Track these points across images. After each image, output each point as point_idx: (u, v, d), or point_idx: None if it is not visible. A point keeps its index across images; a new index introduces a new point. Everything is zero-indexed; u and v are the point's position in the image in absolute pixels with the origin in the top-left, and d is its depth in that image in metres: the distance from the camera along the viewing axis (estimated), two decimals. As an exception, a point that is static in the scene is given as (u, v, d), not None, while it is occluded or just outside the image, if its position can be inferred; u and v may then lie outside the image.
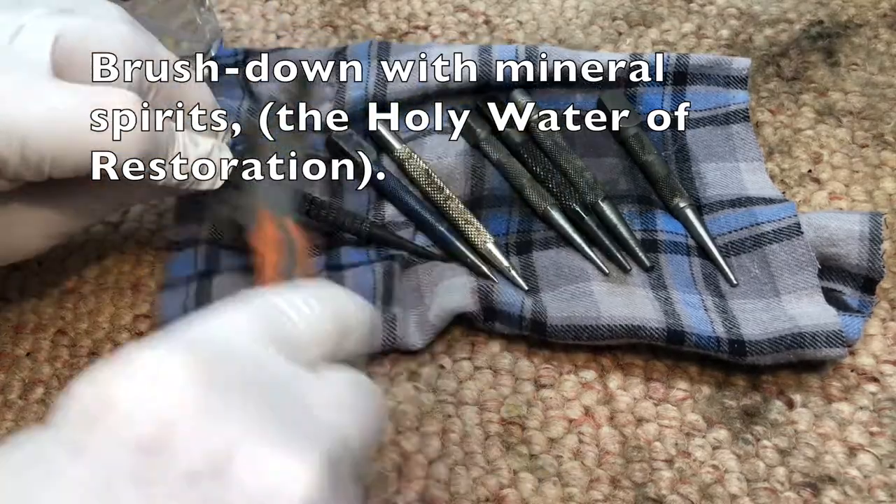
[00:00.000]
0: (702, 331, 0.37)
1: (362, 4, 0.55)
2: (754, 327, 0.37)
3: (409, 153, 0.44)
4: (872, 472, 0.35)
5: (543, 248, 0.42)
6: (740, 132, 0.45)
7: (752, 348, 0.37)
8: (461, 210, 0.42)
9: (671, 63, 0.46)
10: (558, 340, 0.38)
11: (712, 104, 0.46)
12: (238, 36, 0.53)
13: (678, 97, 0.46)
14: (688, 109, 0.46)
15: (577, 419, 0.37)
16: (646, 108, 0.46)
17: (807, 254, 0.39)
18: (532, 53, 0.45)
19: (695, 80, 0.46)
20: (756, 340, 0.37)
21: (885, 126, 0.47)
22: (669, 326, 0.37)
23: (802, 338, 0.36)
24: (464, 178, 0.44)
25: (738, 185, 0.43)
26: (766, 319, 0.38)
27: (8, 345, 0.40)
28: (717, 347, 0.37)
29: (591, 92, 0.47)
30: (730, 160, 0.44)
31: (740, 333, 0.37)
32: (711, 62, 0.46)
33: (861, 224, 0.39)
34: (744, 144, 0.45)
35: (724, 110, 0.46)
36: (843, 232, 0.39)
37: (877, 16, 0.53)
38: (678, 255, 0.41)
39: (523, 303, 0.39)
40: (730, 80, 0.46)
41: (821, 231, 0.39)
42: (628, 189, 0.44)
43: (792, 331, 0.36)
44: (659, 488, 0.35)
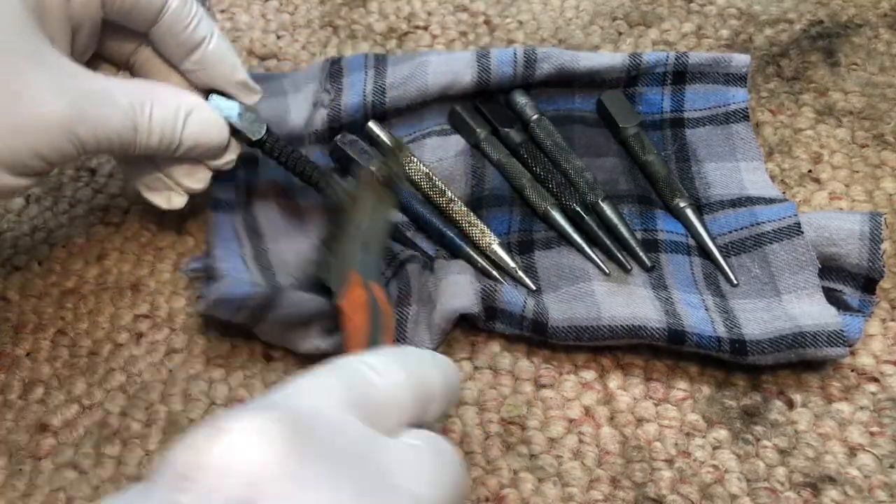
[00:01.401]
0: (703, 331, 0.37)
1: (362, 4, 0.55)
2: (755, 327, 0.37)
3: (409, 157, 0.44)
4: (872, 472, 0.35)
5: (545, 248, 0.42)
6: (740, 132, 0.45)
7: (753, 348, 0.37)
8: (464, 212, 0.42)
9: (670, 62, 0.46)
10: (559, 342, 0.38)
11: (712, 103, 0.46)
12: (238, 36, 0.53)
13: (678, 96, 0.46)
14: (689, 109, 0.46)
15: (577, 419, 0.37)
16: (645, 107, 0.46)
17: (807, 253, 0.39)
18: (530, 56, 0.45)
19: (694, 78, 0.46)
20: (757, 340, 0.37)
21: (885, 126, 0.47)
22: (670, 326, 0.37)
23: (804, 337, 0.36)
24: (464, 178, 0.44)
25: (738, 185, 0.43)
26: (766, 319, 0.38)
27: (8, 345, 0.40)
28: (719, 347, 0.37)
29: (590, 92, 0.47)
30: (730, 160, 0.44)
31: (741, 333, 0.37)
32: (711, 60, 0.46)
33: (861, 224, 0.39)
34: (744, 144, 0.45)
35: (723, 109, 0.46)
36: (843, 231, 0.39)
37: (877, 16, 0.53)
38: (679, 254, 0.41)
39: (525, 303, 0.38)
40: (729, 77, 0.46)
41: (821, 231, 0.39)
42: (628, 189, 0.44)
43: (793, 330, 0.36)
44: (659, 488, 0.35)
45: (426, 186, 0.43)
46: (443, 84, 0.44)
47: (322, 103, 0.45)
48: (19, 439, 0.37)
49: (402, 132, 0.45)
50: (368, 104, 0.44)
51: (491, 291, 0.39)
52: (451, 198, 0.43)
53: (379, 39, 0.53)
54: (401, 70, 0.45)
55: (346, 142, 0.44)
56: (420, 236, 0.43)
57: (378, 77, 0.45)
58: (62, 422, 0.38)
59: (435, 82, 0.44)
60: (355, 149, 0.44)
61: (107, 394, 0.39)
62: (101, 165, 0.47)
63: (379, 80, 0.45)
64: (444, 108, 0.46)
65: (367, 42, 0.53)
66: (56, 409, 0.38)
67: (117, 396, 0.39)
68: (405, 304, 0.39)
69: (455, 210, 0.42)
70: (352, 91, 0.45)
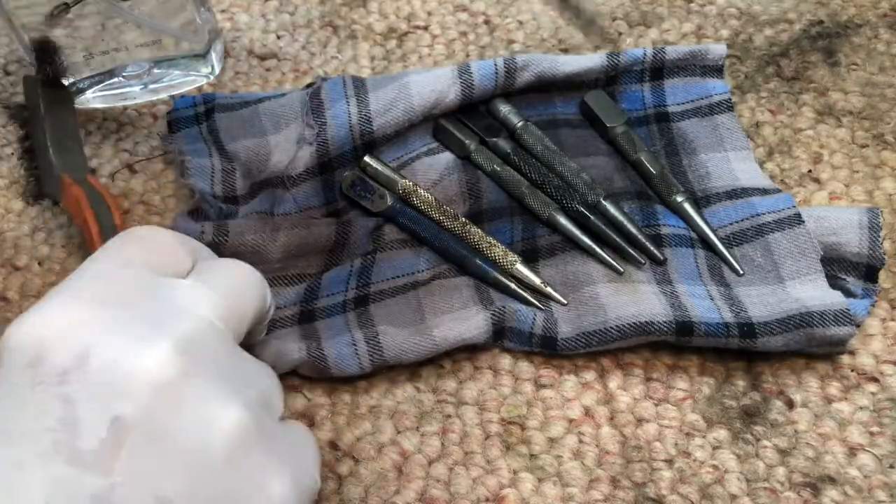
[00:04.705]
0: (710, 318, 0.37)
1: (362, 4, 0.55)
2: (762, 309, 0.38)
3: (412, 187, 0.43)
4: (872, 472, 0.35)
5: (549, 255, 0.41)
6: (725, 122, 0.45)
7: (761, 329, 0.37)
8: (481, 235, 0.41)
9: (648, 59, 0.46)
10: (570, 352, 0.38)
11: (693, 95, 0.46)
12: (238, 35, 0.53)
13: (657, 91, 0.47)
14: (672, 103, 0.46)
15: (577, 419, 0.37)
16: (628, 104, 0.47)
17: (809, 241, 0.39)
18: (510, 65, 0.44)
19: (672, 73, 0.47)
20: (765, 321, 0.37)
21: (885, 126, 0.47)
22: (677, 319, 0.37)
23: (811, 317, 0.36)
24: (460, 197, 0.43)
25: (729, 175, 0.44)
26: (772, 302, 0.38)
27: (8, 345, 0.40)
28: (727, 333, 0.37)
29: (570, 95, 0.47)
30: (718, 150, 0.45)
31: (749, 316, 0.37)
32: (687, 54, 0.46)
33: (860, 215, 0.40)
34: (730, 134, 0.45)
35: (706, 101, 0.46)
36: (842, 221, 0.40)
37: (877, 16, 0.53)
38: (683, 247, 0.41)
39: (534, 320, 0.38)
40: (707, 69, 0.47)
41: (821, 221, 0.40)
42: (625, 186, 0.44)
43: (800, 310, 0.37)
44: (659, 488, 0.35)
45: (437, 214, 0.42)
46: (428, 104, 0.44)
47: (307, 140, 0.44)
48: (19, 439, 0.37)
49: (389, 157, 0.44)
50: (356, 134, 0.43)
51: (501, 314, 0.38)
52: (466, 221, 0.42)
53: (379, 39, 0.53)
54: (384, 95, 0.44)
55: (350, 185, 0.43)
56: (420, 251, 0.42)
57: (361, 105, 0.44)
58: (62, 422, 0.38)
59: (420, 103, 0.43)
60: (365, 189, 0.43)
61: (107, 394, 0.39)
62: (102, 166, 0.47)
63: (363, 108, 0.44)
64: (428, 126, 0.45)
65: (367, 42, 0.53)
66: (56, 409, 0.38)
67: (117, 396, 0.39)
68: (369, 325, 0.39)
69: (472, 233, 0.41)
70: (336, 123, 0.43)
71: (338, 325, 0.39)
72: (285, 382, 0.38)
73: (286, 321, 0.39)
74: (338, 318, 0.39)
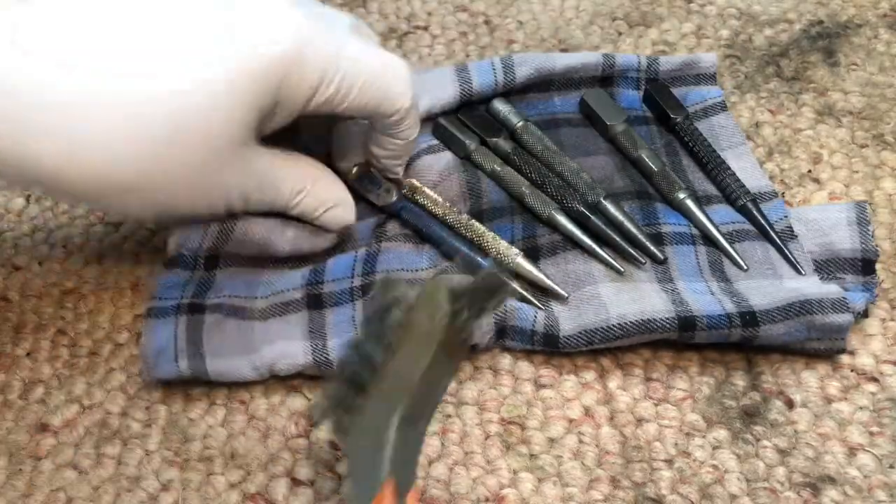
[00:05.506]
0: (712, 311, 0.37)
1: (362, 4, 0.55)
2: (762, 298, 0.38)
3: (415, 186, 0.43)
4: (872, 472, 0.35)
5: (550, 254, 0.41)
6: (720, 121, 0.46)
7: (763, 317, 0.37)
8: (483, 230, 0.42)
9: (642, 68, 0.47)
10: (572, 350, 0.38)
11: (688, 102, 0.47)
12: (238, 36, 0.53)
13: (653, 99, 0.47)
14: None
15: (577, 419, 0.37)
16: (625, 104, 0.47)
17: (802, 255, 0.40)
18: (507, 63, 0.45)
19: (666, 83, 0.47)
20: (766, 309, 0.37)
21: (885, 126, 0.47)
22: (679, 314, 0.37)
23: (810, 304, 0.37)
24: (461, 197, 0.43)
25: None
26: (772, 292, 0.38)
27: (8, 345, 0.40)
28: (730, 323, 0.37)
29: (568, 94, 0.47)
30: (715, 149, 0.45)
31: (750, 305, 0.38)
32: (680, 64, 0.47)
33: (847, 211, 0.41)
34: (726, 132, 0.46)
35: (701, 105, 0.47)
36: (831, 221, 0.41)
37: (877, 16, 0.53)
38: (684, 245, 0.41)
39: (535, 318, 0.38)
40: (700, 77, 0.47)
41: (811, 224, 0.41)
42: (625, 185, 0.44)
43: (799, 298, 0.37)
44: (659, 488, 0.35)
45: (442, 212, 0.42)
46: (428, 105, 0.44)
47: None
48: (19, 439, 0.37)
49: None
50: None
51: (502, 313, 0.38)
52: (469, 218, 0.42)
53: (379, 40, 0.53)
54: None
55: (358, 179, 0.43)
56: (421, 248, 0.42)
57: None
58: (62, 422, 0.38)
59: (422, 105, 0.44)
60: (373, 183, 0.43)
61: (107, 394, 0.39)
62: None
63: None
64: (428, 125, 0.45)
65: (367, 42, 0.53)
66: (56, 409, 0.38)
67: (117, 396, 0.39)
68: None
69: (475, 229, 0.42)
70: None
71: (344, 320, 0.39)
72: (287, 382, 0.39)
73: (295, 305, 0.39)
74: (346, 308, 0.39)
